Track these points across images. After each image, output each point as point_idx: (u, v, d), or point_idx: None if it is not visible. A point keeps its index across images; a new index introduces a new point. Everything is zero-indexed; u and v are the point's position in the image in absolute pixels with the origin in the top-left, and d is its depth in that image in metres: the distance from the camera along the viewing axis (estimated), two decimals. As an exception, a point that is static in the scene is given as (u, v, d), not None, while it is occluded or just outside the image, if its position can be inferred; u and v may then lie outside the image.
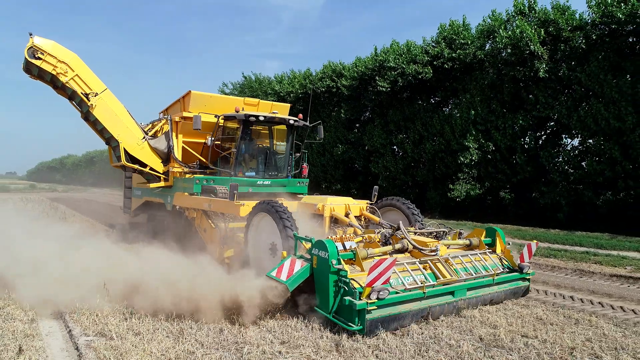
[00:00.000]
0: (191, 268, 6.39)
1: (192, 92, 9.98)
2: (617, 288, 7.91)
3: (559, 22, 14.94)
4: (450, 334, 4.98)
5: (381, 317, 4.95)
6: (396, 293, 5.19)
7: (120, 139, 10.00)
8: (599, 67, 14.09)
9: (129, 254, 8.02)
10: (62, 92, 10.06)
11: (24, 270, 6.40)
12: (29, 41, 9.17)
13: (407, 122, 20.59)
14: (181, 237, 9.77)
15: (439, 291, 5.61)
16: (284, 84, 26.63)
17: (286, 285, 5.19)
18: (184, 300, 5.25)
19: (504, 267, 6.59)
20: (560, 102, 15.28)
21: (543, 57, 15.18)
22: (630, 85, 13.35)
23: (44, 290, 5.70)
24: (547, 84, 15.47)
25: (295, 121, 9.78)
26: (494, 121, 16.91)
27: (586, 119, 14.32)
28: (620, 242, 11.86)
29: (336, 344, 4.62)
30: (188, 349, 4.26)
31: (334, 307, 5.09)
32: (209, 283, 5.52)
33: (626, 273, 8.80)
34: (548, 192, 15.48)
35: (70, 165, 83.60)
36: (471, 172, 17.54)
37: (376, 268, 4.85)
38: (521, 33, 14.78)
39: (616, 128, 13.64)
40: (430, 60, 18.76)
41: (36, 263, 6.56)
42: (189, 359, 4.11)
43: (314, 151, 24.76)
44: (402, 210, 8.17)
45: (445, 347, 4.62)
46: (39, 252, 7.14)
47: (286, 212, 6.60)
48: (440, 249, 6.03)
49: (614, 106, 13.69)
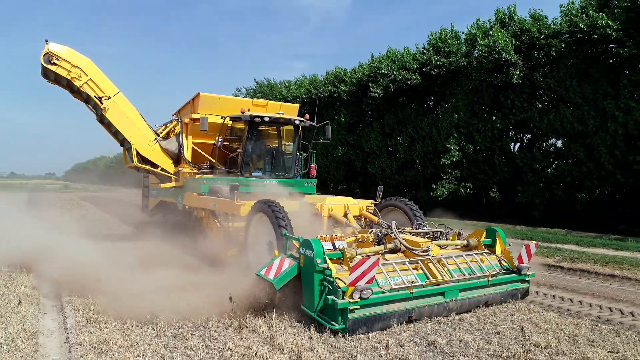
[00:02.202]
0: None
1: (200, 94, 10.11)
2: (548, 277, 8.71)
3: (531, 31, 15.87)
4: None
5: (365, 316, 4.92)
6: (382, 293, 5.17)
7: (132, 141, 10.23)
8: (567, 73, 14.97)
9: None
10: (78, 96, 10.36)
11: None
12: (45, 47, 9.47)
13: (400, 125, 21.74)
14: (191, 236, 9.95)
15: (428, 292, 5.53)
16: (292, 88, 28.20)
17: (273, 284, 5.27)
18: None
19: (503, 268, 6.46)
20: (534, 107, 16.20)
21: (518, 64, 16.13)
22: (592, 91, 14.22)
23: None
24: (523, 89, 16.42)
25: (301, 121, 9.77)
26: (476, 124, 17.93)
27: (555, 123, 15.23)
28: (567, 236, 12.81)
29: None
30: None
31: (319, 306, 5.10)
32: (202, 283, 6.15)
33: (554, 262, 9.86)
34: (523, 192, 16.43)
35: (103, 167, 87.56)
36: (454, 172, 18.59)
37: (358, 267, 4.86)
38: (494, 42, 15.79)
39: (579, 131, 14.53)
40: (419, 67, 19.88)
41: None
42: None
43: (318, 152, 26.19)
44: (404, 210, 8.16)
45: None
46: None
47: (281, 211, 6.63)
48: (433, 249, 5.90)
49: (578, 110, 14.58)
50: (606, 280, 8.33)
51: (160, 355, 4.41)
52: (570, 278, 8.66)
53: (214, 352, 4.51)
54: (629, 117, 13.17)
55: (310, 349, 4.55)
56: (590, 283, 8.18)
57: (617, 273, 8.61)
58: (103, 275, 6.91)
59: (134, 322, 5.22)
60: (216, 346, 4.62)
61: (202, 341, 4.75)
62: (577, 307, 6.53)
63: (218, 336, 4.90)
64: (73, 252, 8.22)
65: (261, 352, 4.45)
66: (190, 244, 9.55)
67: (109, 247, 9.81)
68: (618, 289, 7.68)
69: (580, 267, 9.28)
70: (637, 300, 6.90)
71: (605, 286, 7.90)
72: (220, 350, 4.52)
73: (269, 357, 4.35)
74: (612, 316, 6.06)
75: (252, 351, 4.46)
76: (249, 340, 4.76)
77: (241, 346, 4.61)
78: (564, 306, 6.53)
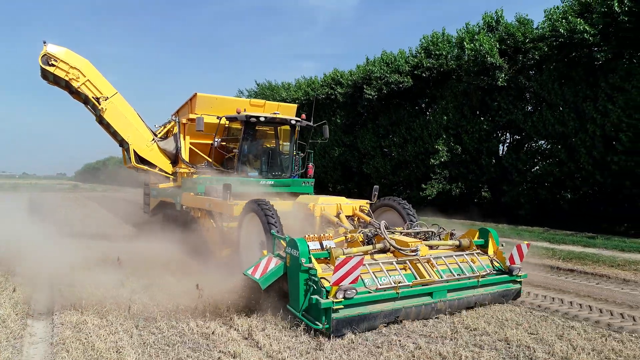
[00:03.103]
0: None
1: (197, 94, 10.14)
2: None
3: (516, 36, 16.32)
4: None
5: (349, 316, 4.91)
6: (368, 293, 5.16)
7: (130, 141, 10.36)
8: (550, 76, 15.41)
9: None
10: (77, 97, 10.48)
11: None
12: (43, 49, 9.53)
13: (394, 126, 22.26)
14: (188, 236, 9.95)
15: (415, 292, 5.50)
16: (291, 90, 28.86)
17: (259, 283, 5.31)
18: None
19: (495, 269, 6.42)
20: (519, 109, 16.66)
21: (504, 67, 16.59)
22: (572, 94, 14.66)
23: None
24: (508, 91, 16.88)
25: (297, 121, 9.77)
26: (464, 126, 18.41)
27: (538, 124, 15.68)
28: (544, 234, 13.31)
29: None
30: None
31: (304, 306, 5.09)
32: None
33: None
34: (509, 191, 16.90)
35: (112, 167, 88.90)
36: (443, 172, 19.09)
37: (342, 267, 4.83)
38: (480, 46, 16.28)
39: (560, 132, 14.97)
40: (411, 69, 20.40)
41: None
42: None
43: (316, 153, 26.78)
44: (397, 210, 8.13)
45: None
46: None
47: (272, 210, 6.62)
48: (421, 250, 5.90)
49: (559, 112, 15.03)
50: (563, 274, 8.84)
51: (129, 333, 5.03)
52: (531, 272, 9.13)
53: (177, 330, 5.13)
54: (606, 119, 13.60)
55: (263, 329, 5.11)
56: (546, 277, 8.65)
57: (577, 268, 9.10)
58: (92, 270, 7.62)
59: (113, 307, 5.86)
60: (180, 326, 5.25)
61: (168, 322, 5.38)
62: (524, 297, 7.00)
63: (184, 318, 5.52)
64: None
65: (218, 331, 5.07)
66: (185, 244, 9.70)
67: (104, 246, 10.38)
68: (569, 282, 8.19)
69: (545, 262, 9.77)
70: (582, 291, 7.41)
71: (560, 279, 8.39)
72: (182, 329, 5.14)
73: (224, 334, 4.97)
74: (551, 305, 6.58)
75: (210, 330, 5.08)
76: (210, 322, 5.39)
77: (202, 326, 5.23)
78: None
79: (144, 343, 4.76)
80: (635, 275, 8.43)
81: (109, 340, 4.76)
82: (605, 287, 7.78)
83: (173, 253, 9.45)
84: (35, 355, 4.58)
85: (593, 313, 6.19)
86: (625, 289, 7.58)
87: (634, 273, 8.61)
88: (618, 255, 9.99)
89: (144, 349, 4.61)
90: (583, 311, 6.27)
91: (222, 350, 4.59)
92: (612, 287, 7.77)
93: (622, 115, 13.17)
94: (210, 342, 4.81)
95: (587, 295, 7.18)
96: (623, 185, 13.76)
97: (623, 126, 13.17)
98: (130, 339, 4.85)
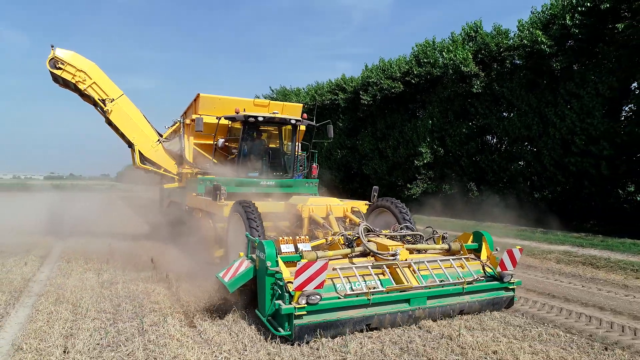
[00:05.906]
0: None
1: (200, 95, 10.08)
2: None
3: (490, 45, 17.50)
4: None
5: (313, 323, 4.72)
6: (338, 298, 4.95)
7: (135, 142, 10.54)
8: (519, 83, 16.54)
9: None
10: (87, 100, 10.69)
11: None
12: (51, 53, 9.74)
13: (389, 130, 23.69)
14: (191, 236, 9.81)
15: (391, 298, 5.23)
16: (301, 95, 30.75)
17: (227, 287, 5.19)
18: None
19: (487, 275, 6.05)
20: (493, 113, 17.83)
21: (480, 75, 17.80)
22: (537, 100, 15.77)
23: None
24: (484, 97, 18.06)
25: (298, 121, 9.63)
26: (447, 129, 19.69)
27: (508, 128, 16.83)
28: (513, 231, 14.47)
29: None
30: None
31: (270, 311, 4.95)
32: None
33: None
34: (485, 191, 18.10)
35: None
36: (428, 173, 20.41)
37: (303, 271, 4.64)
38: (454, 56, 17.57)
39: (525, 136, 16.10)
40: (402, 76, 21.79)
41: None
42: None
43: (321, 155, 28.53)
44: (391, 211, 7.97)
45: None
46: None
47: (254, 212, 6.59)
48: (401, 254, 5.64)
49: (525, 117, 16.15)
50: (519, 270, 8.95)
51: (95, 291, 6.96)
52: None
53: (129, 291, 7.01)
54: (564, 123, 14.67)
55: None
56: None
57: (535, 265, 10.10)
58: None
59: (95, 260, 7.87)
60: (132, 288, 7.17)
61: (125, 286, 7.30)
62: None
63: (140, 283, 7.42)
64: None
65: (158, 290, 6.93)
66: (186, 244, 9.84)
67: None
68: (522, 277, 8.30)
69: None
70: (529, 286, 7.87)
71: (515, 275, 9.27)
72: (133, 290, 7.04)
73: (159, 293, 6.82)
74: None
75: (151, 289, 6.96)
76: (155, 285, 7.27)
77: (148, 288, 7.13)
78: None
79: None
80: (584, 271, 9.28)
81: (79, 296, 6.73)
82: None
83: (168, 250, 10.21)
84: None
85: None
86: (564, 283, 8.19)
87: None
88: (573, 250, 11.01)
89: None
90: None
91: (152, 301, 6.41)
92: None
93: (577, 120, 14.24)
94: (147, 299, 6.66)
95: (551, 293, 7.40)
96: (583, 184, 14.78)
97: (577, 130, 14.24)
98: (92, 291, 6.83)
